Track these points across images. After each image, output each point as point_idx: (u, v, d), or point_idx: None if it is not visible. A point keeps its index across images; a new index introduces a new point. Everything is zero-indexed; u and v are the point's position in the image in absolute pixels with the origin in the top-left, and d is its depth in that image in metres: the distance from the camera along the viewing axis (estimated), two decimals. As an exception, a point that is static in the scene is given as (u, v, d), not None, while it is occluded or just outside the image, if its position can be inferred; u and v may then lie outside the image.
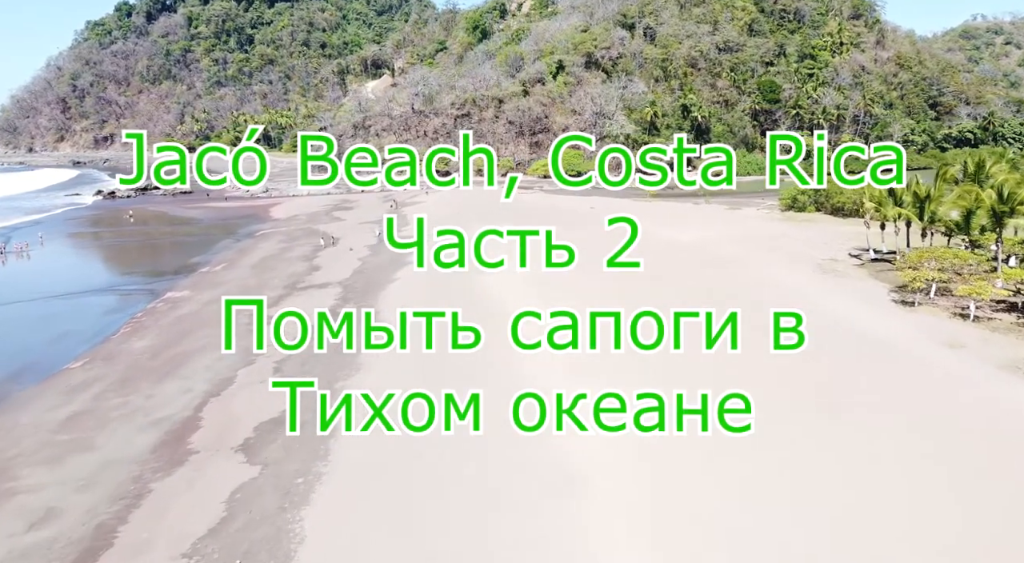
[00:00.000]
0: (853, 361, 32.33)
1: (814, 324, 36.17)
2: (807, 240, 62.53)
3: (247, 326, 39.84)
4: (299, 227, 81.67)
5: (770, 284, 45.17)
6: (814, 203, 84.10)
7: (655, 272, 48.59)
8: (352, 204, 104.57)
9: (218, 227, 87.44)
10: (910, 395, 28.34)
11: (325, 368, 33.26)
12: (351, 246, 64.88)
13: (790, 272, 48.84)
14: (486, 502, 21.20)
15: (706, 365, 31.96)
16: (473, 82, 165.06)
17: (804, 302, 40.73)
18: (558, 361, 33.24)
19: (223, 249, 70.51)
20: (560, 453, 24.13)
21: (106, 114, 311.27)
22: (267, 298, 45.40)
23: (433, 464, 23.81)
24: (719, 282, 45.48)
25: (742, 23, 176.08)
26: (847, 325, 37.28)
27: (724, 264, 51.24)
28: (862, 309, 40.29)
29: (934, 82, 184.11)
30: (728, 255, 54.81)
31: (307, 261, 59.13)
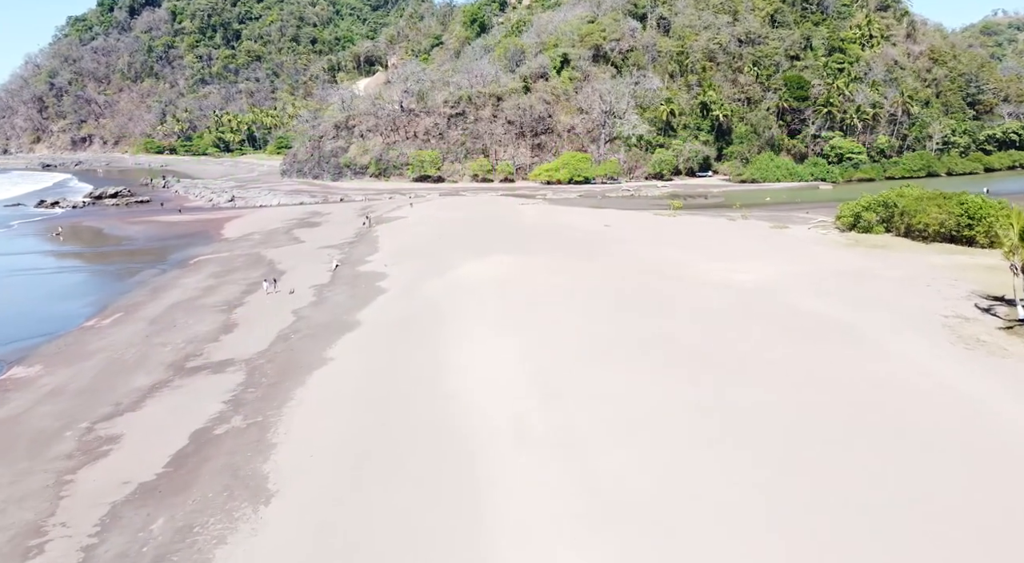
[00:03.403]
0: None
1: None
2: (904, 281, 46.40)
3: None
4: (245, 252, 65.72)
5: (919, 389, 27.63)
6: (882, 222, 67.98)
7: (713, 349, 32.28)
8: (321, 218, 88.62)
9: (150, 251, 71.53)
10: None
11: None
12: (294, 287, 48.73)
13: (919, 348, 32.58)
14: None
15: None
16: (469, 78, 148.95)
17: (984, 422, 24.69)
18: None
19: (135, 286, 54.56)
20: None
21: (84, 114, 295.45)
22: (117, 399, 29.24)
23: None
24: (832, 379, 28.32)
25: (764, 13, 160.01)
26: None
27: (818, 332, 34.25)
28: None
29: (972, 78, 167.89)
30: (814, 311, 38.37)
31: (226, 312, 43.14)
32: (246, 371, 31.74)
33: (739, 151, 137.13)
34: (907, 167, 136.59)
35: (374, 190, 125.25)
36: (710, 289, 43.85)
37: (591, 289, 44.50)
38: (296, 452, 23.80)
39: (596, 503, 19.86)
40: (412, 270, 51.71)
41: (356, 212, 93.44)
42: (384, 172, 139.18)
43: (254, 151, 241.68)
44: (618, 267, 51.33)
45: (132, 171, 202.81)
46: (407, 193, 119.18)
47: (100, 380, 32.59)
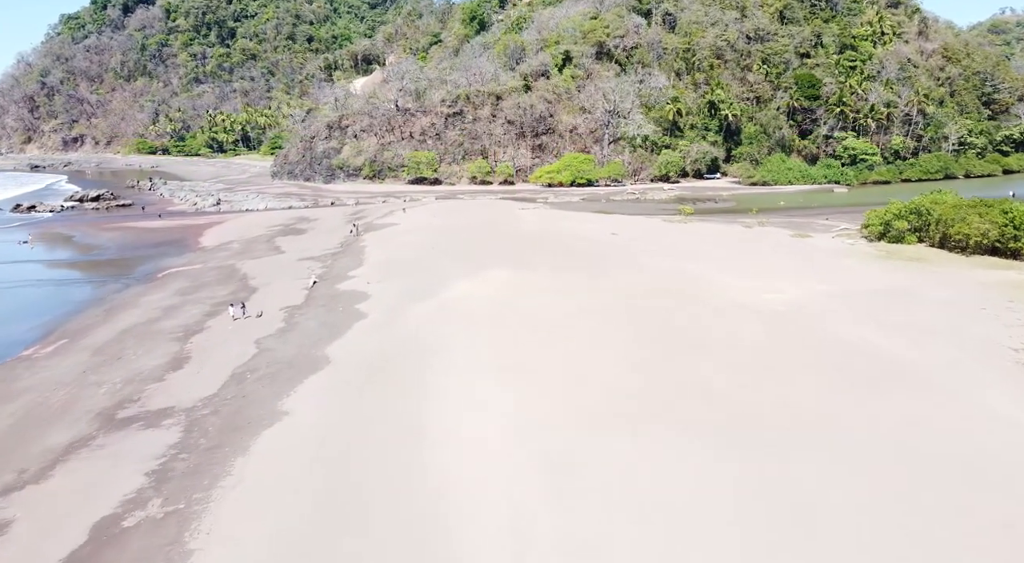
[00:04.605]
0: None
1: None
2: (955, 303, 40.76)
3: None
4: (219, 265, 60.05)
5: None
6: (915, 231, 62.35)
7: (758, 401, 26.17)
8: (308, 225, 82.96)
9: (118, 262, 65.86)
10: None
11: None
12: (263, 309, 43.05)
13: (1002, 398, 26.86)
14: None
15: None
16: (467, 76, 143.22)
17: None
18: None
19: (92, 304, 48.95)
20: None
21: (76, 113, 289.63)
22: (24, 464, 23.51)
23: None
24: (909, 444, 22.65)
25: (773, 9, 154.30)
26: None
27: (876, 374, 27.97)
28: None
29: (987, 77, 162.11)
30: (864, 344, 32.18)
31: (181, 341, 37.50)
32: (184, 426, 26.08)
33: (748, 152, 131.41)
34: (924, 169, 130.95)
35: (367, 193, 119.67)
36: (739, 315, 38.17)
37: (602, 316, 38.81)
38: (228, 528, 18.11)
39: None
40: (397, 289, 46.00)
41: (346, 217, 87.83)
42: (379, 174, 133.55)
43: (248, 152, 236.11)
44: (631, 286, 45.68)
45: (122, 172, 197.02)
46: (402, 196, 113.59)
47: (13, 434, 27.00)
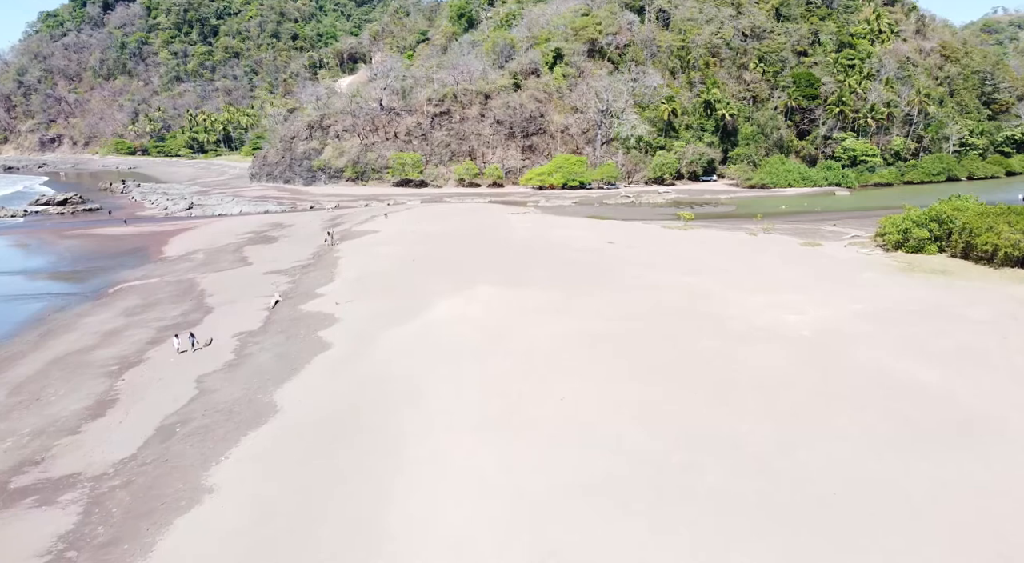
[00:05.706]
0: None
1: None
2: (997, 324, 36.06)
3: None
4: (178, 278, 54.51)
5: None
6: (935, 239, 57.69)
7: (799, 465, 21.15)
8: (281, 232, 77.44)
9: (71, 274, 60.16)
10: None
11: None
12: (214, 335, 37.63)
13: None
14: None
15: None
16: (455, 74, 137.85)
17: None
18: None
19: (28, 327, 43.40)
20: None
21: (54, 113, 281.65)
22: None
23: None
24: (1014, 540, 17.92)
25: (769, 6, 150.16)
26: None
27: (938, 423, 23.18)
28: None
29: (986, 76, 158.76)
30: (913, 382, 27.48)
31: (113, 377, 32.14)
32: (85, 504, 20.79)
33: (746, 153, 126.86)
34: (926, 170, 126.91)
35: (350, 196, 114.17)
36: (760, 340, 33.20)
37: (604, 343, 33.72)
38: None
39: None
40: (370, 311, 40.65)
41: (323, 223, 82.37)
42: (362, 176, 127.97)
43: (229, 152, 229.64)
44: (633, 304, 40.61)
45: (99, 174, 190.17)
46: (385, 199, 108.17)
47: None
